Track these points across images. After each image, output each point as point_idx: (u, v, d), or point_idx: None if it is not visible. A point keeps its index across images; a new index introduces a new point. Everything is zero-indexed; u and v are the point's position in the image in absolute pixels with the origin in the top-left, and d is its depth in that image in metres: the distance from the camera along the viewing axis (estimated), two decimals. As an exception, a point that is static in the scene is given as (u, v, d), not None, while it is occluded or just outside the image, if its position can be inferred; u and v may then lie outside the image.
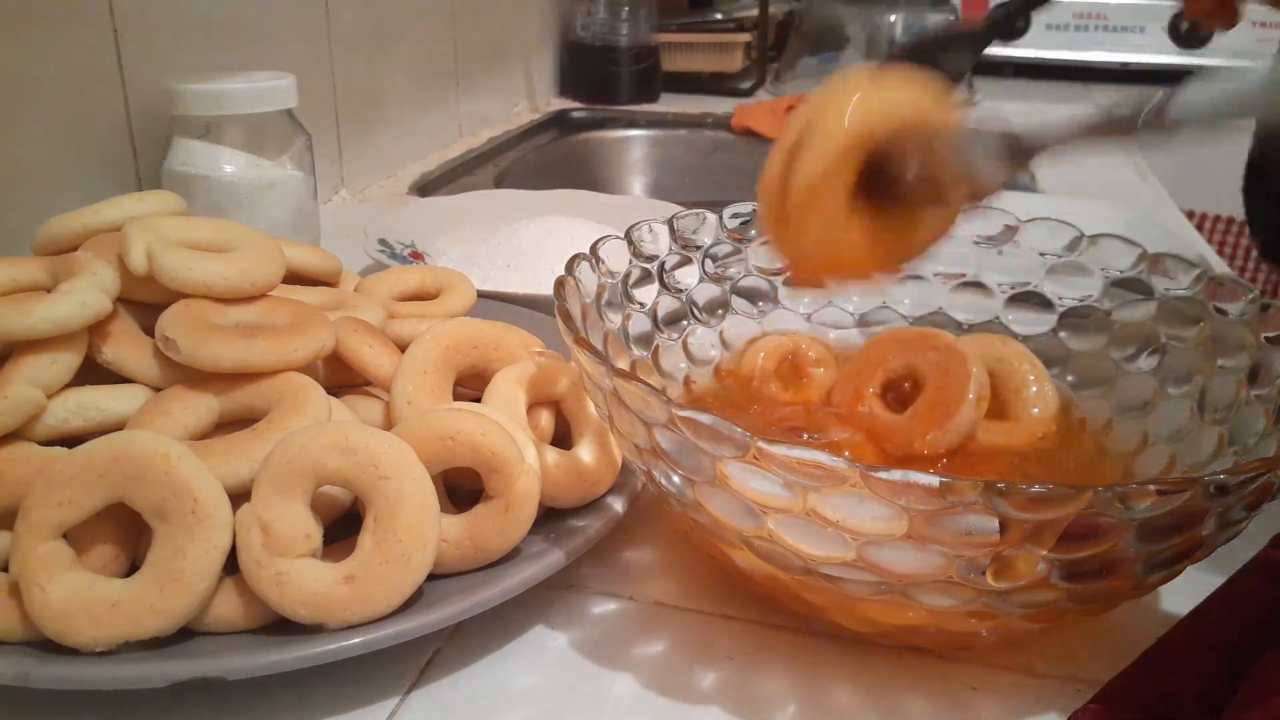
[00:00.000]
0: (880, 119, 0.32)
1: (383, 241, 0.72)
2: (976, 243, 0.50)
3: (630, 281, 0.46)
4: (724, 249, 0.50)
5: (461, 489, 0.40)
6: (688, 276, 0.49)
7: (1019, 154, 0.32)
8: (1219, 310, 0.42)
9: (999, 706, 0.35)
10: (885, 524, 0.30)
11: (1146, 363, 0.45)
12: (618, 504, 0.41)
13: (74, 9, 0.62)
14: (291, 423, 0.38)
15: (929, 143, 0.32)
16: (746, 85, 1.45)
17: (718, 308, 0.51)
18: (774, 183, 0.34)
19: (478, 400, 0.42)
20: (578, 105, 1.36)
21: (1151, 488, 0.29)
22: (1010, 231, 0.49)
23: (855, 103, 0.32)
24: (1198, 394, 0.42)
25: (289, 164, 0.68)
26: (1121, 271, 0.46)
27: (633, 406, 0.33)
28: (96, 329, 0.40)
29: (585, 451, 0.42)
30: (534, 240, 0.68)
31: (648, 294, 0.47)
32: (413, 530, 0.35)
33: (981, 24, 0.44)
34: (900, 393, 0.47)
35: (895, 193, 0.34)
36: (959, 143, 0.32)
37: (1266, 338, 0.40)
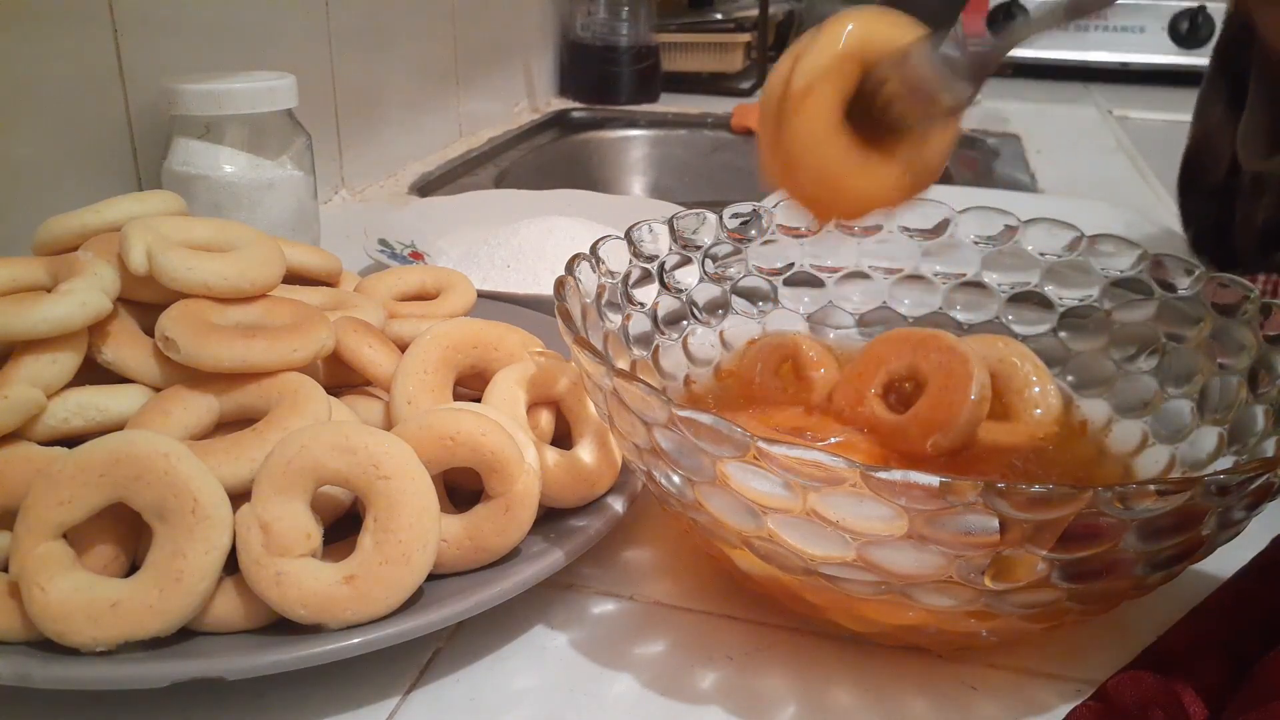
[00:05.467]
0: (869, 38, 0.37)
1: (383, 241, 0.72)
2: (976, 243, 0.50)
3: (630, 281, 0.46)
4: (724, 249, 0.50)
5: (461, 489, 0.40)
6: (688, 276, 0.49)
7: (982, 66, 0.36)
8: (1219, 310, 0.42)
9: (999, 706, 0.35)
10: (885, 524, 0.30)
11: (1146, 363, 0.45)
12: (618, 504, 0.41)
13: (74, 9, 0.62)
14: (291, 423, 0.38)
15: (908, 63, 0.36)
16: (746, 85, 1.45)
17: (718, 308, 0.51)
18: (777, 82, 0.38)
19: (478, 400, 0.42)
20: (578, 105, 1.36)
21: (1151, 488, 0.29)
22: (1010, 231, 0.49)
23: (850, 24, 0.37)
24: (1198, 394, 0.42)
25: (289, 164, 0.68)
26: (1121, 271, 0.46)
27: (633, 406, 0.33)
28: (96, 329, 0.40)
29: (585, 451, 0.42)
30: (534, 240, 0.68)
31: (648, 294, 0.47)
32: (413, 530, 0.35)
33: None
34: (901, 393, 0.47)
35: (883, 121, 0.37)
36: (931, 58, 0.36)
37: (1266, 338, 0.40)
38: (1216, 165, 0.62)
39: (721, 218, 0.49)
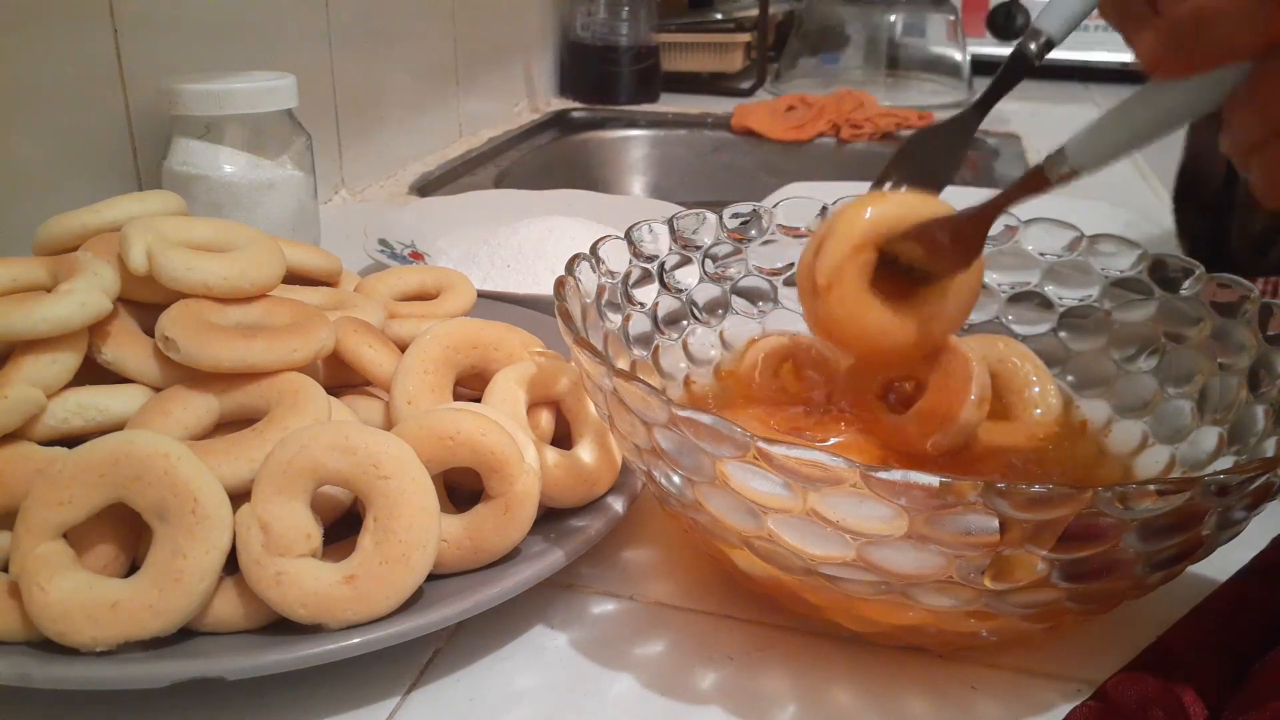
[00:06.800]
0: (880, 221, 0.41)
1: (383, 241, 0.72)
2: (976, 243, 0.50)
3: (630, 281, 0.46)
4: (724, 249, 0.50)
5: (461, 489, 0.40)
6: (688, 276, 0.49)
7: (985, 216, 0.40)
8: (1219, 310, 0.42)
9: (999, 706, 0.35)
10: (885, 524, 0.30)
11: (1146, 363, 0.45)
12: (618, 504, 0.41)
13: (74, 9, 0.62)
14: (291, 423, 0.38)
15: (923, 231, 0.41)
16: (746, 85, 1.45)
17: (718, 308, 0.51)
18: (806, 269, 0.42)
19: (478, 400, 0.42)
20: (578, 105, 1.36)
21: (1151, 488, 0.29)
22: (1010, 231, 0.49)
23: (868, 203, 0.42)
24: (1198, 394, 0.42)
25: (289, 164, 0.68)
26: (1121, 271, 0.46)
27: (633, 406, 0.33)
28: (96, 329, 0.40)
29: (585, 451, 0.42)
30: (534, 240, 0.68)
31: (648, 294, 0.47)
32: (413, 530, 0.35)
33: (975, 105, 0.47)
34: (901, 393, 0.47)
35: (907, 277, 0.41)
36: (943, 219, 0.41)
37: (1266, 338, 0.40)
38: (1212, 178, 0.62)
39: (721, 218, 0.49)
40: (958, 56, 1.44)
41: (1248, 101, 0.30)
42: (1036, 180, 0.37)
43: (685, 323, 0.49)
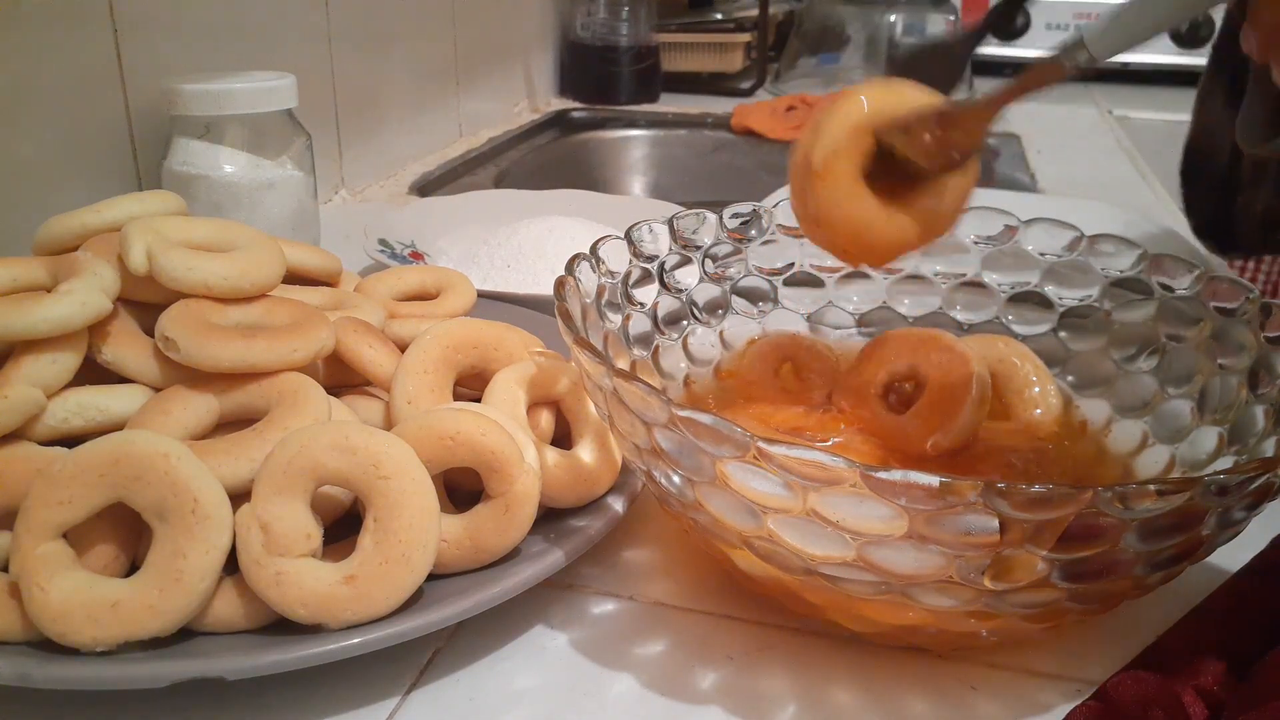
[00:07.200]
0: (880, 107, 0.40)
1: (383, 241, 0.72)
2: (976, 242, 0.50)
3: (630, 281, 0.46)
4: (724, 249, 0.50)
5: (461, 489, 0.40)
6: (688, 276, 0.49)
7: (987, 109, 0.38)
8: (1219, 310, 0.42)
9: (999, 706, 0.35)
10: (885, 524, 0.30)
11: (1146, 363, 0.45)
12: (618, 504, 0.41)
13: (74, 9, 0.62)
14: (291, 423, 0.38)
15: (919, 119, 0.39)
16: (746, 85, 1.45)
17: (718, 308, 0.51)
18: (801, 155, 0.40)
19: (478, 400, 0.42)
20: (578, 105, 1.36)
21: (1151, 488, 0.29)
22: (1010, 231, 0.49)
23: (864, 93, 0.40)
24: (1198, 394, 0.42)
25: (289, 164, 0.68)
26: (1121, 271, 0.46)
27: (633, 406, 0.33)
28: (96, 329, 0.40)
29: (585, 451, 0.42)
30: (534, 240, 0.68)
31: (648, 294, 0.47)
32: (413, 530, 0.35)
33: (976, 27, 0.46)
34: (901, 393, 0.47)
35: (903, 172, 0.40)
36: (939, 110, 0.39)
37: (1267, 338, 0.40)
38: (1218, 155, 0.62)
39: (721, 218, 0.49)
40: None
41: None
42: (1052, 70, 0.36)
43: (685, 323, 0.49)
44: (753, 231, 0.50)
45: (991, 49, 1.51)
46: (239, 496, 0.35)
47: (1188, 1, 0.32)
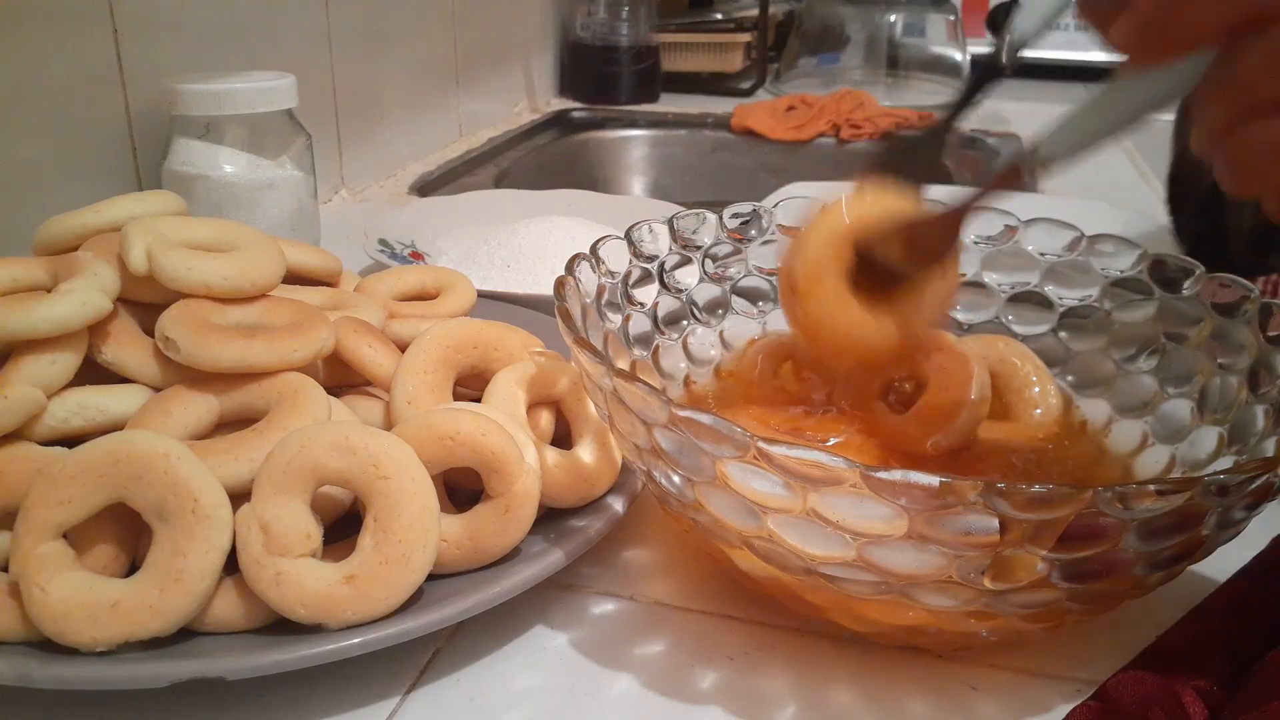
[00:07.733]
0: (861, 216, 0.41)
1: (383, 241, 0.72)
2: (976, 243, 0.50)
3: (630, 281, 0.46)
4: (724, 249, 0.50)
5: (461, 489, 0.40)
6: (688, 276, 0.49)
7: (954, 216, 0.40)
8: (1219, 310, 0.42)
9: (999, 706, 0.35)
10: (885, 524, 0.30)
11: (1146, 363, 0.45)
12: (618, 504, 0.41)
13: (74, 9, 0.62)
14: (291, 423, 0.38)
15: (893, 231, 0.40)
16: (746, 85, 1.45)
17: (718, 308, 0.51)
18: (785, 274, 0.42)
19: (478, 400, 0.42)
20: (578, 105, 1.36)
21: (1151, 488, 0.29)
22: (1010, 231, 0.49)
23: (843, 205, 0.42)
24: (1198, 394, 0.42)
25: (289, 164, 0.68)
26: (1121, 271, 0.46)
27: (633, 406, 0.33)
28: (96, 329, 0.40)
29: (585, 451, 0.42)
30: (534, 240, 0.68)
31: (648, 294, 0.47)
32: (413, 530, 0.35)
33: (950, 107, 0.47)
34: (901, 393, 0.47)
35: (885, 277, 0.41)
36: (909, 222, 0.41)
37: (1267, 338, 0.40)
38: (1201, 178, 0.63)
39: (721, 218, 0.49)
40: (958, 57, 1.44)
41: (1212, 88, 0.30)
42: (1010, 175, 0.37)
43: (685, 323, 0.49)
44: (753, 231, 0.50)
45: (990, 49, 1.51)
46: (239, 496, 0.35)
47: (1135, 108, 0.33)
